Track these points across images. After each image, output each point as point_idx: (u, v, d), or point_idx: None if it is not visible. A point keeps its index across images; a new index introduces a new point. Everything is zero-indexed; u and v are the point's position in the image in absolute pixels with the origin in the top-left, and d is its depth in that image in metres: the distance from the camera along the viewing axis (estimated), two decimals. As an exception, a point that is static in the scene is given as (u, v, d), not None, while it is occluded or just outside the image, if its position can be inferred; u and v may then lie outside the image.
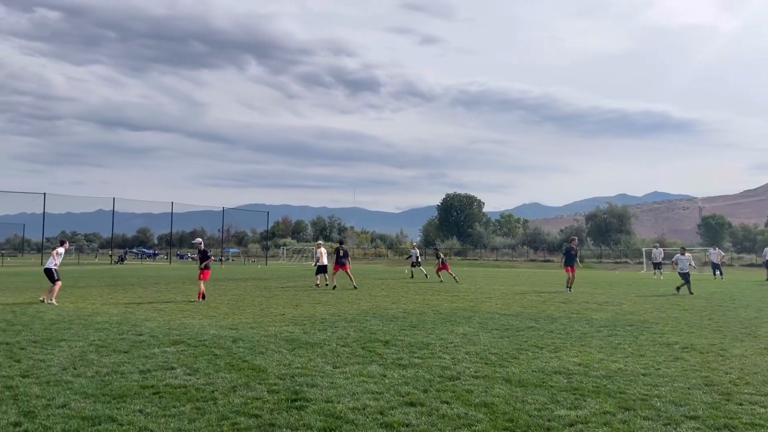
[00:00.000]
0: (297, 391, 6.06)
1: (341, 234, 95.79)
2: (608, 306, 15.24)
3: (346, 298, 17.02)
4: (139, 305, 14.40)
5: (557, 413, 5.39)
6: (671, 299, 17.38)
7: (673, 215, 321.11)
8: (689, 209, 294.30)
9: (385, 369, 7.16)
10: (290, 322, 11.49)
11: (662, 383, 6.58)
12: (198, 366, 7.27)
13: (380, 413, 5.34)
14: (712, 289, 22.64)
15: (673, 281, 29.23)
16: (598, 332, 10.50)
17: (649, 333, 10.44)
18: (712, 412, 5.47)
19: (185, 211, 64.21)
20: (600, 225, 74.99)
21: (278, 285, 22.54)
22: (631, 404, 5.70)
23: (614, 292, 20.74)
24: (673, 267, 21.05)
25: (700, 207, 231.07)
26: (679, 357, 8.19)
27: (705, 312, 13.89)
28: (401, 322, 11.64)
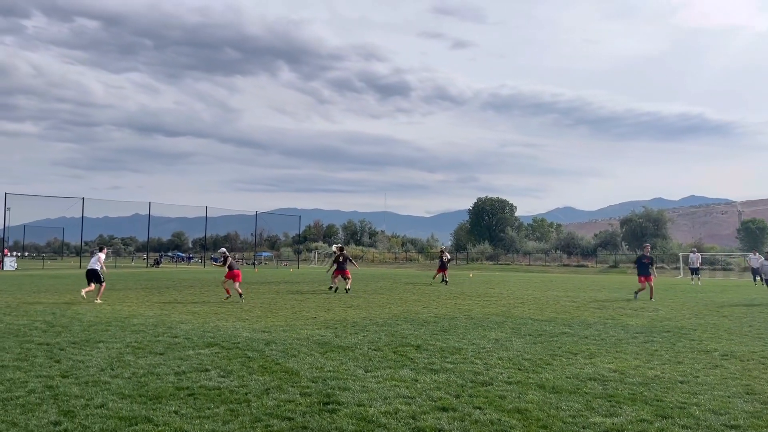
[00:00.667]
0: (329, 395, 6.09)
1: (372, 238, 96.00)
2: (644, 312, 14.95)
3: (377, 302, 17.04)
4: (174, 308, 14.65)
5: (592, 420, 5.30)
6: (709, 305, 16.96)
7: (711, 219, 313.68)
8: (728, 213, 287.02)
9: (416, 373, 7.14)
10: (322, 325, 11.55)
11: (701, 391, 6.42)
12: (232, 368, 7.36)
13: (412, 418, 5.32)
14: (753, 294, 22.01)
15: (710, 286, 28.53)
16: (634, 338, 10.30)
17: (687, 340, 10.20)
18: (754, 421, 5.32)
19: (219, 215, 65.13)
20: (635, 229, 73.66)
21: (310, 289, 22.66)
22: (669, 412, 5.58)
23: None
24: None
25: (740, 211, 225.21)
26: (719, 364, 7.98)
27: (745, 318, 13.52)
28: (432, 326, 11.60)
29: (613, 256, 68.33)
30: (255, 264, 63.52)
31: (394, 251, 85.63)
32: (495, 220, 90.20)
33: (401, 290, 22.35)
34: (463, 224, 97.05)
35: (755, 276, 31.44)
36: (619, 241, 74.82)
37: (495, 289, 23.56)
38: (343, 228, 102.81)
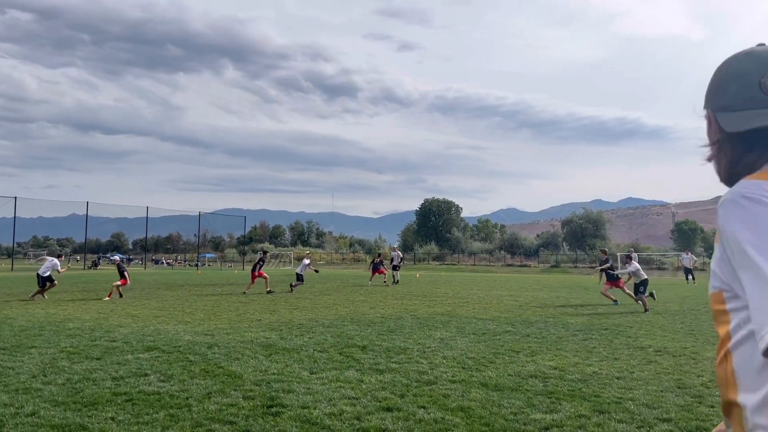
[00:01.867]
0: (273, 397, 6.01)
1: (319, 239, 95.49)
2: (583, 309, 15.41)
3: (323, 303, 16.96)
4: (112, 311, 14.18)
5: (533, 417, 5.41)
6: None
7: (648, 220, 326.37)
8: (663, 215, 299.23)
9: (362, 374, 7.14)
10: (267, 327, 11.40)
11: (636, 386, 6.66)
12: (172, 372, 7.17)
13: (357, 419, 5.31)
14: (685, 293, 22.99)
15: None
16: (574, 336, 10.59)
17: (624, 337, 10.56)
18: (684, 414, 5.55)
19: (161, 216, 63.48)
20: (576, 230, 75.92)
21: (255, 291, 22.34)
22: (606, 407, 5.75)
23: (590, 296, 20.96)
24: None
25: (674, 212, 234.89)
26: (653, 360, 8.29)
27: (678, 316, 14.11)
28: (379, 326, 11.62)
29: (554, 256, 70.18)
30: (198, 266, 62.21)
31: (342, 252, 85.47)
32: (441, 221, 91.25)
33: (348, 291, 22.32)
34: (411, 225, 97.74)
35: (687, 275, 32.85)
36: (560, 242, 76.94)
37: (441, 289, 23.82)
38: (290, 229, 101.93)
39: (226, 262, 76.67)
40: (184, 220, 79.44)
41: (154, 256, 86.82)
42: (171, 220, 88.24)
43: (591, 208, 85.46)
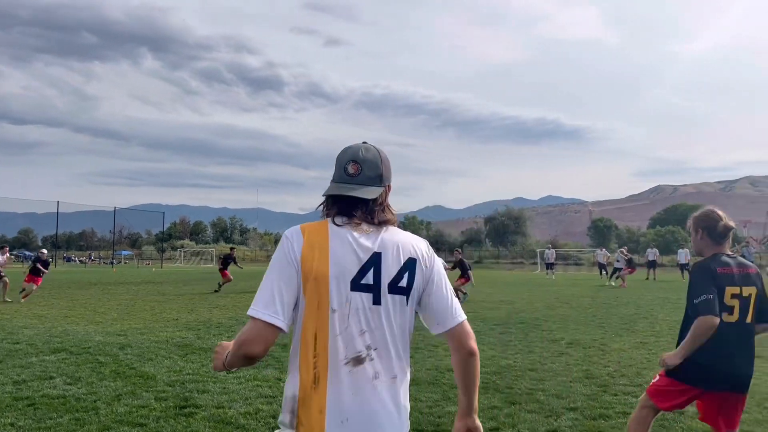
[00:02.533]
0: (186, 398, 5.85)
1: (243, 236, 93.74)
2: (502, 305, 15.86)
3: (245, 302, 16.64)
4: (17, 311, 13.39)
5: (447, 409, 5.52)
6: (560, 297, 18.32)
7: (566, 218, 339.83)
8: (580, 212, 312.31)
9: (281, 372, 7.06)
10: (184, 327, 11.09)
11: (547, 378, 6.91)
12: (80, 375, 6.86)
13: (273, 417, 5.25)
14: (598, 287, 24.09)
15: (562, 280, 30.86)
16: (492, 330, 10.89)
17: (539, 330, 10.95)
18: (590, 403, 5.81)
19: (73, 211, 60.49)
20: (498, 227, 77.98)
21: (174, 289, 21.70)
22: (518, 398, 5.95)
23: (509, 291, 21.60)
24: None
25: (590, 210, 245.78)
26: (564, 352, 8.64)
27: (590, 309, 14.75)
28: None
29: (477, 252, 71.92)
30: (113, 263, 59.72)
31: (267, 249, 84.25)
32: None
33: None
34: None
35: (601, 270, 34.42)
36: (484, 238, 78.92)
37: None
38: (212, 225, 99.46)
39: (144, 260, 73.92)
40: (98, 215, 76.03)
41: (66, 254, 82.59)
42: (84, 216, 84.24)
43: (513, 205, 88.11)
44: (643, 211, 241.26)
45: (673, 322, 12.08)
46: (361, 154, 1.99)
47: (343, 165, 1.98)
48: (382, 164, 2.02)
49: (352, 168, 1.96)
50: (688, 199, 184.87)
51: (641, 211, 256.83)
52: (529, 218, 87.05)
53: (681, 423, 5.19)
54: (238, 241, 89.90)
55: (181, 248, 75.92)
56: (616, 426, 5.09)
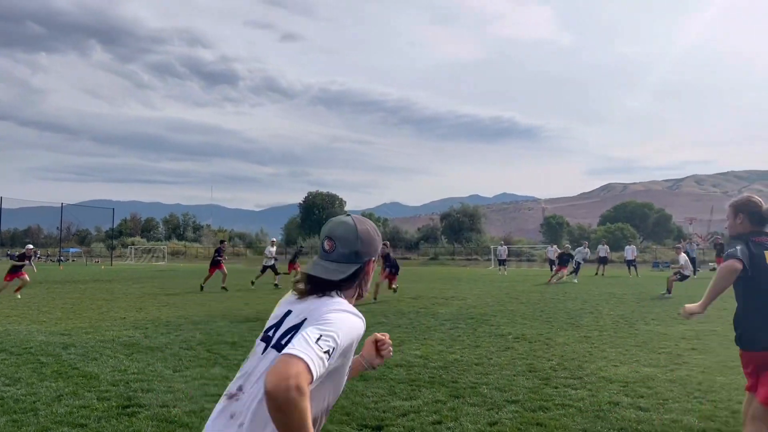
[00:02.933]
0: (130, 398, 5.78)
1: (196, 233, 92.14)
2: (454, 300, 16.09)
3: (195, 300, 16.45)
4: (-45, 312, 12.91)
5: (393, 404, 5.62)
6: (511, 293, 18.68)
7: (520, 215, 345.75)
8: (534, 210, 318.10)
9: (228, 371, 7.03)
10: (131, 326, 10.89)
11: (492, 371, 7.09)
12: (20, 375, 6.69)
13: (217, 415, 5.24)
14: (556, 283, 24.62)
15: (514, 276, 31.44)
16: (442, 325, 11.05)
17: (487, 325, 11.16)
18: (531, 395, 5.99)
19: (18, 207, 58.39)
20: (453, 224, 78.72)
21: (123, 287, 21.23)
22: (462, 392, 6.08)
23: (462, 287, 21.89)
24: None
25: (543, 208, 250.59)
26: (510, 346, 8.85)
27: (538, 304, 15.10)
28: (252, 323, 11.46)
29: (433, 248, 72.54)
30: (61, 261, 57.91)
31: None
32: (325, 215, 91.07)
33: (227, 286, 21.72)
34: (294, 218, 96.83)
35: (551, 266, 35.20)
36: (439, 235, 79.61)
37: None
38: (164, 222, 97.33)
39: (93, 257, 71.90)
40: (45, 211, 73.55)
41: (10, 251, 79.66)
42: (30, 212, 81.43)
43: (468, 202, 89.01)
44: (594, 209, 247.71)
45: (617, 316, 12.49)
46: (337, 230, 2.01)
47: (321, 240, 2.03)
48: (360, 240, 2.01)
49: (327, 244, 2.01)
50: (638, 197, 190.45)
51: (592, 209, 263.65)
52: (484, 215, 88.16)
53: (616, 413, 5.40)
54: (191, 239, 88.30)
55: (131, 245, 74.14)
56: (554, 417, 5.27)
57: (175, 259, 65.66)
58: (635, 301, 15.72)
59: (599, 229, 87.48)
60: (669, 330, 10.51)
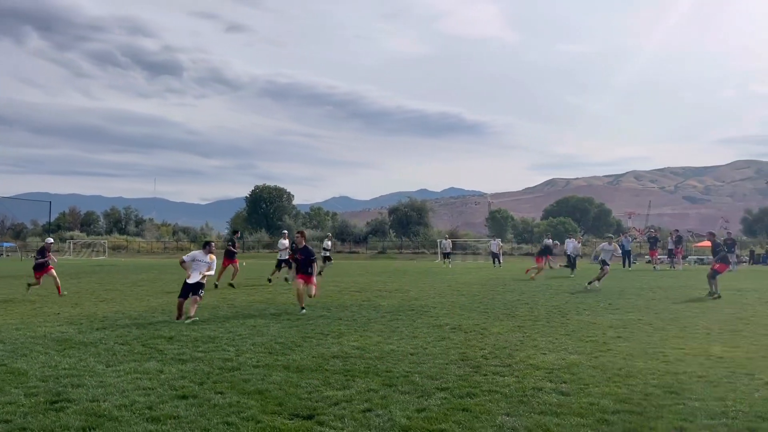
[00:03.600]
0: (59, 393, 5.72)
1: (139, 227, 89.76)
2: (397, 293, 16.31)
3: (134, 294, 16.15)
4: None
5: (326, 394, 5.74)
6: (453, 285, 19.04)
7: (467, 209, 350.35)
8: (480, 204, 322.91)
9: (163, 365, 7.00)
10: (65, 321, 10.65)
11: (425, 361, 7.29)
12: (-57, 374, 6.49)
13: (149, 408, 5.25)
14: (490, 276, 25.18)
15: (458, 268, 32.00)
16: (383, 318, 11.23)
17: (427, 316, 11.41)
18: (461, 383, 6.21)
19: (-54, 200, 55.50)
20: (401, 218, 79.28)
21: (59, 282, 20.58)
22: (394, 381, 6.26)
23: (406, 280, 22.15)
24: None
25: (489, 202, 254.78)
26: (446, 337, 9.09)
27: (478, 296, 15.48)
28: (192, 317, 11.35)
29: (381, 242, 72.89)
30: (-5, 256, 55.55)
31: (164, 241, 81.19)
32: (273, 209, 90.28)
33: (165, 281, 21.39)
34: (240, 212, 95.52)
35: (494, 259, 35.99)
36: (387, 229, 79.99)
37: (265, 277, 23.69)
38: (105, 216, 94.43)
39: (28, 252, 69.18)
40: (-24, 205, 70.05)
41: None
42: (-41, 205, 77.44)
43: (417, 197, 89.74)
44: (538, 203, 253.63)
45: (551, 307, 12.95)
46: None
47: None
48: None
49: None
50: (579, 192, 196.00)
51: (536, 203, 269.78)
52: (432, 209, 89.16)
53: (538, 398, 5.67)
54: (133, 233, 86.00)
55: (70, 240, 71.69)
56: (480, 403, 5.49)
57: (116, 254, 63.94)
58: (570, 293, 16.29)
59: (542, 223, 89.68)
60: (598, 319, 10.98)
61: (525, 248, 65.83)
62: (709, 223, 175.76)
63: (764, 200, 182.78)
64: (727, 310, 12.32)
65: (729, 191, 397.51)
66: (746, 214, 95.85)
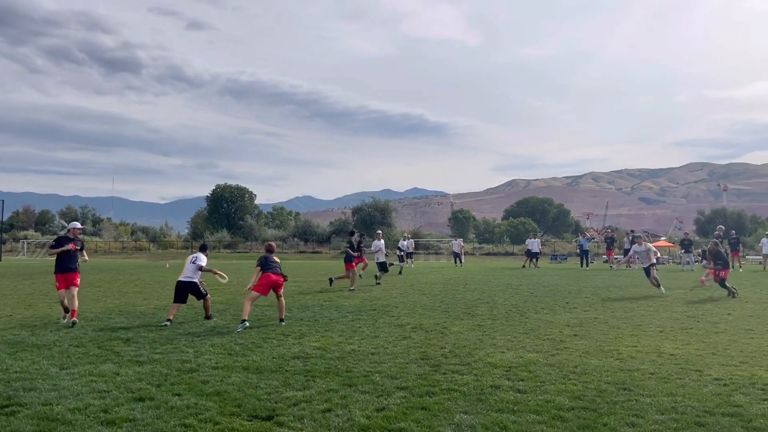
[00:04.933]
0: (10, 397, 5.57)
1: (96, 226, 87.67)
2: (359, 293, 16.31)
3: (91, 295, 15.77)
4: None
5: (286, 395, 5.73)
6: (415, 285, 19.15)
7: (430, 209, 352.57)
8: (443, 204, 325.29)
9: (119, 367, 6.88)
10: (18, 323, 10.36)
11: (386, 360, 7.34)
12: None
13: (104, 411, 5.16)
14: (451, 275, 25.40)
15: (420, 268, 32.19)
16: (344, 318, 11.23)
17: (389, 316, 11.45)
18: (420, 382, 6.28)
19: None
20: (365, 218, 79.25)
21: (12, 283, 19.98)
22: (355, 381, 6.28)
23: (368, 280, 22.16)
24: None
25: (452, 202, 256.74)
26: (407, 336, 9.16)
27: (439, 296, 15.60)
28: (149, 318, 11.19)
29: (345, 242, 72.87)
30: (-57, 256, 53.48)
31: (122, 240, 79.48)
32: (234, 208, 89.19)
33: (122, 282, 20.97)
34: (201, 211, 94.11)
35: (455, 259, 36.30)
36: (351, 229, 79.97)
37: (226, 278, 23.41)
38: (61, 215, 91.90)
39: (-21, 252, 66.87)
40: None
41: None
42: None
43: (380, 197, 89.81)
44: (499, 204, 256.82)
45: (510, 306, 13.14)
46: None
47: None
48: None
49: None
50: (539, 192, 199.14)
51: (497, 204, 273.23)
52: (395, 209, 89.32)
53: (496, 396, 5.76)
54: (90, 232, 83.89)
55: (24, 239, 69.58)
56: (439, 401, 5.56)
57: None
58: (529, 292, 16.56)
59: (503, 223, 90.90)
60: (556, 318, 11.20)
61: (486, 248, 66.62)
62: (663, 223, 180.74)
63: (716, 202, 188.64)
64: (679, 308, 12.71)
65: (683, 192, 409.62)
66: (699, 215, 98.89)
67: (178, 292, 10.88)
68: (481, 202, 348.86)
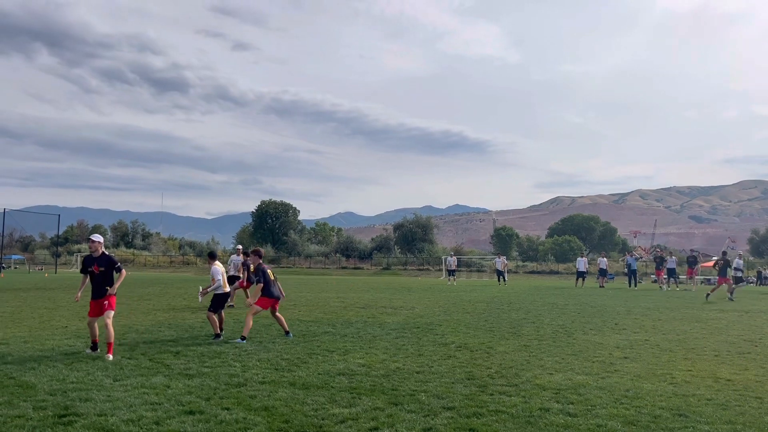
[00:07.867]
0: (67, 407, 5.74)
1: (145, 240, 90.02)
2: (402, 310, 16.29)
3: (141, 308, 16.17)
4: None
5: (332, 412, 5.74)
6: (458, 303, 19.00)
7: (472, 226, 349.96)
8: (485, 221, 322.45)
9: (170, 380, 7.02)
10: (73, 335, 10.70)
11: (431, 379, 7.28)
12: (-49, 386, 6.52)
13: (156, 423, 5.27)
14: (495, 293, 25.13)
15: (462, 285, 31.92)
16: (388, 335, 11.22)
17: (432, 334, 11.38)
18: (467, 402, 6.20)
19: (-44, 212, 55.86)
20: (406, 234, 79.29)
21: (66, 295, 20.67)
22: (401, 399, 6.25)
23: (411, 297, 22.11)
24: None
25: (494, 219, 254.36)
26: (452, 355, 9.08)
27: (483, 314, 15.44)
28: (198, 331, 11.41)
29: (386, 258, 72.84)
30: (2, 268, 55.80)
31: (170, 255, 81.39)
32: (278, 224, 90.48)
33: (171, 296, 21.45)
34: (246, 227, 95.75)
35: (499, 277, 35.87)
36: (392, 245, 79.97)
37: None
38: (113, 229, 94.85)
39: (36, 265, 69.49)
40: (-15, 217, 70.42)
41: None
42: (-31, 217, 77.76)
43: (422, 213, 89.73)
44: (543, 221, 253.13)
45: (557, 326, 12.91)
46: None
47: None
48: None
49: None
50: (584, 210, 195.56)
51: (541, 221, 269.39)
52: (437, 226, 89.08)
53: (545, 419, 5.65)
54: (140, 246, 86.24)
55: (77, 252, 71.96)
56: (486, 423, 5.48)
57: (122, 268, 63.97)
58: (576, 312, 16.23)
59: (547, 241, 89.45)
60: (605, 339, 10.94)
61: (530, 266, 65.68)
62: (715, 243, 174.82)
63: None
64: (735, 331, 12.26)
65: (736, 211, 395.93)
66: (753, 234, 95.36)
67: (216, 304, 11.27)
68: (524, 219, 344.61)
